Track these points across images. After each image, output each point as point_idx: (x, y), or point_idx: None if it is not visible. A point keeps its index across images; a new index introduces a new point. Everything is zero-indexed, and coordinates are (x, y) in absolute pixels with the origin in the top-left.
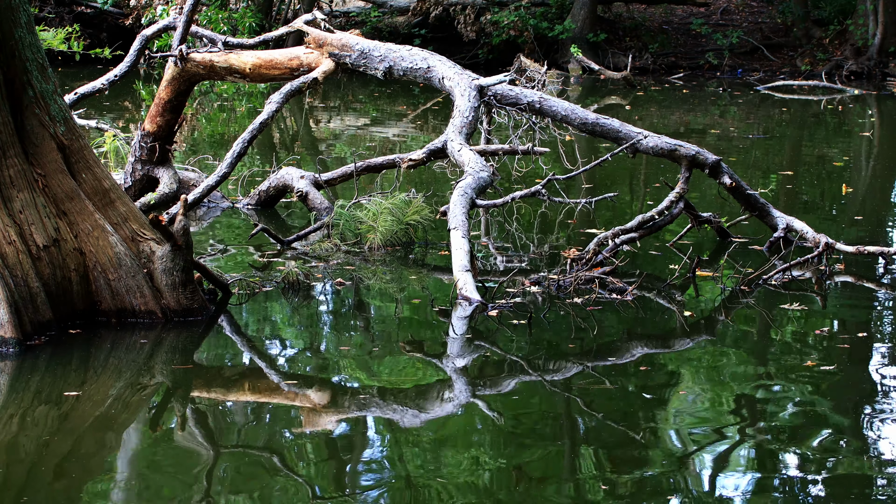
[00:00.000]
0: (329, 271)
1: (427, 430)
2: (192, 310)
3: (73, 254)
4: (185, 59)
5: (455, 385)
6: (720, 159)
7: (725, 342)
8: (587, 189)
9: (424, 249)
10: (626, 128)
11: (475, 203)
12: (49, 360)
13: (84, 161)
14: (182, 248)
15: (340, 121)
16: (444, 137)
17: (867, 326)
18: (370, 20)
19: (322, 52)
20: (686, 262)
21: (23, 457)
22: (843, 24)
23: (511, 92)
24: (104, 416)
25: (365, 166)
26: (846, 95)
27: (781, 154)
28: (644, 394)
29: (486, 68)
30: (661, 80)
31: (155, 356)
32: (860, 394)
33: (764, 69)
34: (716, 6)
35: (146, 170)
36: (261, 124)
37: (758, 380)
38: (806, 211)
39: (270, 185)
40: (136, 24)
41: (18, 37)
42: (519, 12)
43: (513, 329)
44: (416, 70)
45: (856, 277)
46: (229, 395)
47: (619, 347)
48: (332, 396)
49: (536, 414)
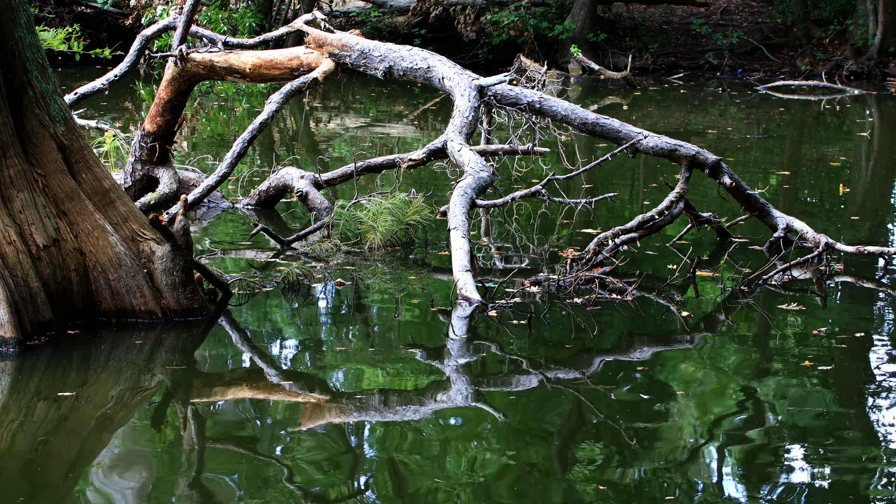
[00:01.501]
0: (329, 271)
1: (427, 430)
2: (192, 310)
3: (73, 254)
4: (185, 59)
5: (455, 385)
6: (720, 159)
7: (725, 342)
8: (587, 189)
9: (424, 249)
10: (626, 128)
11: (475, 203)
12: (49, 360)
13: (84, 161)
14: (182, 248)
15: (340, 121)
16: (444, 137)
17: (867, 326)
18: (370, 20)
19: (322, 52)
20: (686, 263)
21: (22, 457)
22: (843, 24)
23: (511, 92)
24: (104, 416)
25: (365, 166)
26: (846, 95)
27: (780, 154)
28: (644, 394)
29: (486, 68)
30: (661, 81)
31: (155, 356)
32: (860, 394)
33: (764, 69)
34: (716, 6)
35: (146, 170)
36: (261, 124)
37: (758, 380)
38: (804, 211)
39: (270, 185)
40: (136, 24)
41: (18, 37)
42: (519, 12)
43: (513, 329)
44: (416, 70)
45: (856, 277)
46: (229, 395)
47: (619, 348)
48: (331, 396)
49: (536, 414)
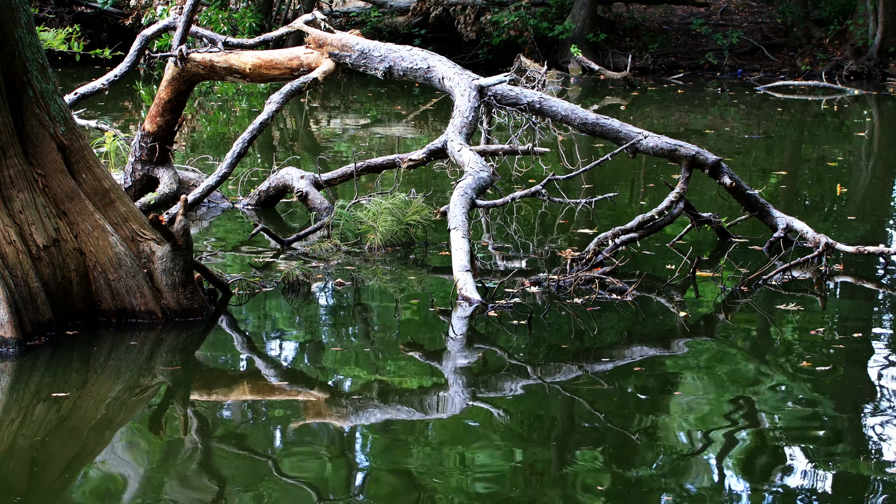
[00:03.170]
0: (329, 271)
1: (427, 430)
2: (192, 310)
3: (73, 254)
4: (185, 59)
5: (454, 385)
6: (720, 159)
7: (725, 343)
8: (587, 189)
9: (424, 249)
10: (626, 128)
11: (475, 203)
12: (49, 360)
13: (84, 161)
14: (182, 248)
15: (340, 121)
16: (444, 137)
17: (867, 327)
18: (370, 20)
19: (322, 52)
20: (686, 263)
21: (22, 457)
22: (843, 24)
23: (511, 92)
24: (104, 416)
25: (365, 166)
26: (846, 96)
27: (779, 154)
28: (643, 394)
29: (486, 68)
30: (661, 81)
31: (155, 356)
32: (859, 394)
33: (764, 69)
34: (716, 6)
35: (146, 170)
36: (261, 124)
37: (757, 380)
38: (803, 211)
39: (270, 185)
40: (136, 24)
41: (18, 37)
42: (519, 12)
43: (513, 329)
44: (416, 70)
45: (855, 278)
46: (229, 396)
47: (619, 348)
48: (331, 397)
49: (536, 414)
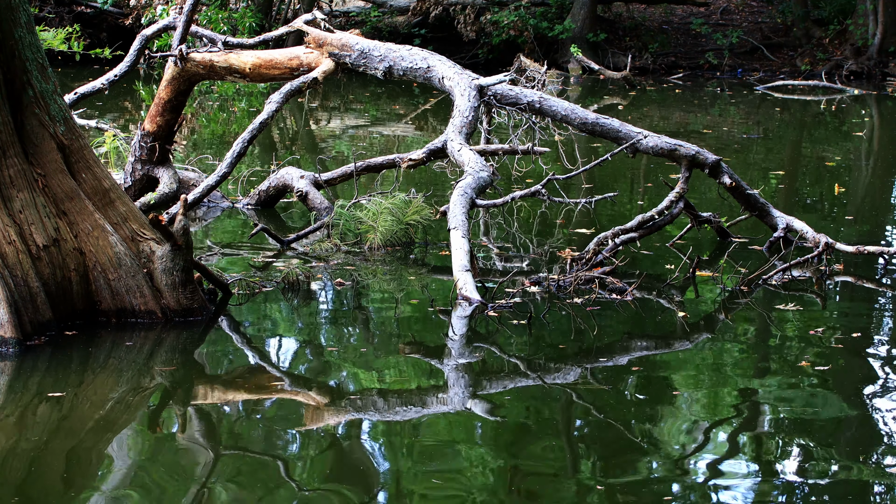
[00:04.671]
0: (329, 271)
1: (427, 430)
2: (192, 310)
3: (72, 254)
4: (184, 58)
5: (455, 385)
6: (720, 159)
7: (725, 342)
8: (587, 189)
9: (424, 249)
10: (625, 128)
11: (475, 203)
12: (49, 360)
13: (84, 161)
14: (182, 248)
15: (340, 121)
16: (443, 137)
17: (866, 327)
18: (370, 20)
19: (322, 51)
20: (686, 263)
21: (22, 457)
22: (843, 24)
23: (511, 92)
24: (104, 416)
25: (365, 166)
26: (846, 95)
27: (778, 153)
28: (643, 394)
29: (486, 68)
30: (661, 80)
31: (155, 356)
32: (859, 394)
33: (764, 69)
34: (716, 6)
35: (146, 170)
36: (261, 124)
37: (757, 380)
38: (802, 211)
39: (270, 184)
40: (136, 24)
41: (18, 37)
42: (519, 12)
43: (513, 329)
44: (416, 70)
45: (855, 277)
46: (229, 395)
47: (619, 348)
48: (331, 397)
49: (536, 414)
